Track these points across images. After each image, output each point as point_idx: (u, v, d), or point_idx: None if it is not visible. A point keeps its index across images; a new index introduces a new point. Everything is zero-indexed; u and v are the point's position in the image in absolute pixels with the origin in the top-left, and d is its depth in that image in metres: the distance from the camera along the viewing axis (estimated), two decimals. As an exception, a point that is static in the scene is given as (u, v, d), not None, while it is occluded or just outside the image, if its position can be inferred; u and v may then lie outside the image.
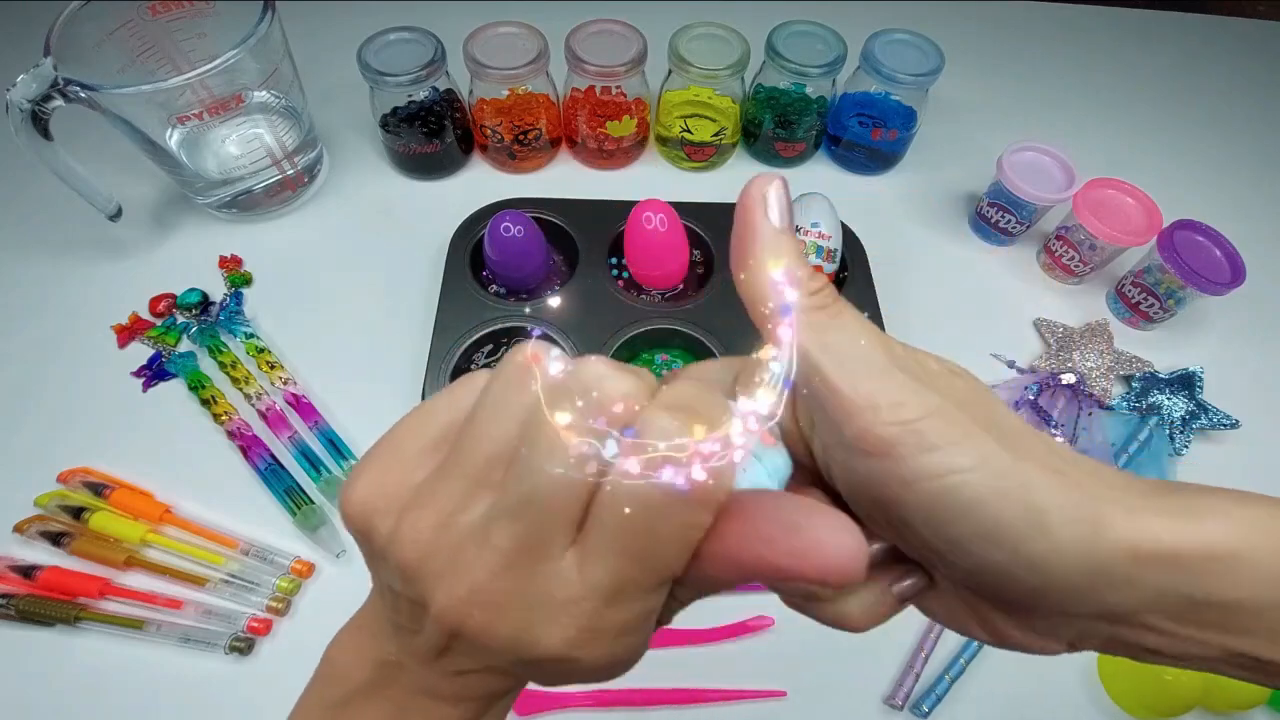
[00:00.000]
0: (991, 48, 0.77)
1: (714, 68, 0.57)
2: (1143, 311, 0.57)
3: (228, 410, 0.49)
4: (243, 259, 0.57)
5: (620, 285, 0.53)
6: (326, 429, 0.49)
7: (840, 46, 0.59)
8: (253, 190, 0.58)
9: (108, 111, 0.48)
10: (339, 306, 0.55)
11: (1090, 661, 0.44)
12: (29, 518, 0.44)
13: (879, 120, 0.62)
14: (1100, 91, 0.74)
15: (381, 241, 0.59)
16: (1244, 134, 0.72)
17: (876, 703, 0.43)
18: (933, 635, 0.44)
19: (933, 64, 0.58)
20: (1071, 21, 0.81)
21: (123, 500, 0.45)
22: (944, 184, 0.65)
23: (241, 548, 0.44)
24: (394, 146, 0.61)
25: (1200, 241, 0.54)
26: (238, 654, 0.41)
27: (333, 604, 0.44)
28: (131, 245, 0.58)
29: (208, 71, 0.47)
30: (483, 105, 0.60)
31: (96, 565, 0.43)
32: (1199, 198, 0.62)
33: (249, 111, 0.56)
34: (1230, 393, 0.54)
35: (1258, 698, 0.41)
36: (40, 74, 0.45)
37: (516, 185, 0.63)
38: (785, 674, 0.43)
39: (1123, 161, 0.62)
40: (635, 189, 0.60)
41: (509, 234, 0.49)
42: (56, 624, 0.42)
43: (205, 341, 0.52)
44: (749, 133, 0.65)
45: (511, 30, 0.57)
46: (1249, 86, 0.76)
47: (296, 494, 0.46)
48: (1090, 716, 0.43)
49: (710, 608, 0.45)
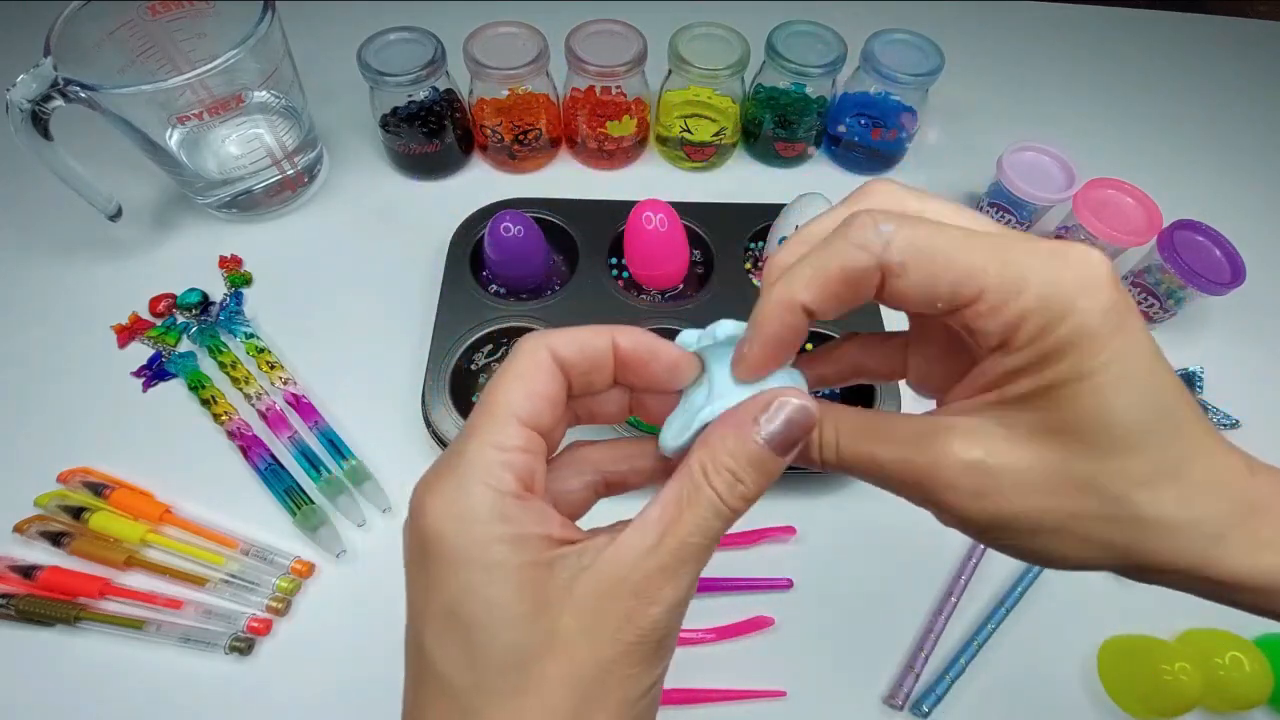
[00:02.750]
0: (991, 48, 0.77)
1: (714, 68, 0.57)
2: (1143, 311, 0.57)
3: (228, 410, 0.49)
4: (243, 259, 0.57)
5: (620, 285, 0.53)
6: (326, 429, 0.49)
7: (840, 46, 0.59)
8: (253, 190, 0.58)
9: (108, 111, 0.48)
10: (339, 306, 0.55)
11: (1090, 661, 0.44)
12: (29, 518, 0.44)
13: (879, 120, 0.62)
14: (1100, 91, 0.74)
15: (381, 241, 0.59)
16: (1244, 134, 0.72)
17: (876, 703, 0.43)
18: (933, 635, 0.44)
19: (933, 64, 0.58)
20: (1071, 21, 0.81)
21: (123, 500, 0.45)
22: (944, 184, 0.65)
23: (241, 548, 0.44)
24: (394, 146, 0.61)
25: (1200, 241, 0.54)
26: (238, 654, 0.41)
27: (333, 604, 0.44)
28: (131, 245, 0.58)
29: (208, 71, 0.47)
30: (483, 105, 0.60)
31: (96, 565, 0.43)
32: (1199, 198, 0.62)
33: (249, 111, 0.56)
34: (1230, 393, 0.54)
35: (1258, 698, 0.41)
36: (40, 74, 0.45)
37: (516, 185, 0.63)
38: (785, 674, 0.43)
39: (1123, 161, 0.62)
40: (635, 189, 0.60)
41: (509, 234, 0.49)
42: (56, 624, 0.42)
43: (205, 341, 0.52)
44: (749, 133, 0.65)
45: (511, 30, 0.57)
46: (1249, 86, 0.76)
47: (296, 494, 0.46)
48: (1090, 716, 0.43)
49: (710, 608, 0.45)
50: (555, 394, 0.21)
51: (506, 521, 0.18)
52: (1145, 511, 0.18)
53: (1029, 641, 0.44)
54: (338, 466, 0.48)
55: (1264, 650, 0.42)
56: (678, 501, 0.19)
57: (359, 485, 0.47)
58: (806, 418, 0.19)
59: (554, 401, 0.21)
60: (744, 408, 0.20)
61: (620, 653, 0.18)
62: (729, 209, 0.56)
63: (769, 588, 0.45)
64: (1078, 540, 0.19)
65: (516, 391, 0.20)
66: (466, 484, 0.19)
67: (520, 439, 0.20)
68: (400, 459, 0.49)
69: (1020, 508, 0.19)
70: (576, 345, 0.21)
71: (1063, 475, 0.18)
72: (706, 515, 0.19)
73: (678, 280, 0.54)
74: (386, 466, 0.48)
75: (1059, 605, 0.46)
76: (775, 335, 0.20)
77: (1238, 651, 0.41)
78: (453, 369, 0.48)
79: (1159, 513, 0.18)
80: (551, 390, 0.21)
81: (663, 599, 0.19)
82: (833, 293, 0.19)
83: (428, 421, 0.46)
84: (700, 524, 0.19)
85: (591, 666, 0.18)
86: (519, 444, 0.20)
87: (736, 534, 0.47)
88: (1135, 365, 0.17)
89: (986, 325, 0.18)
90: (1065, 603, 0.46)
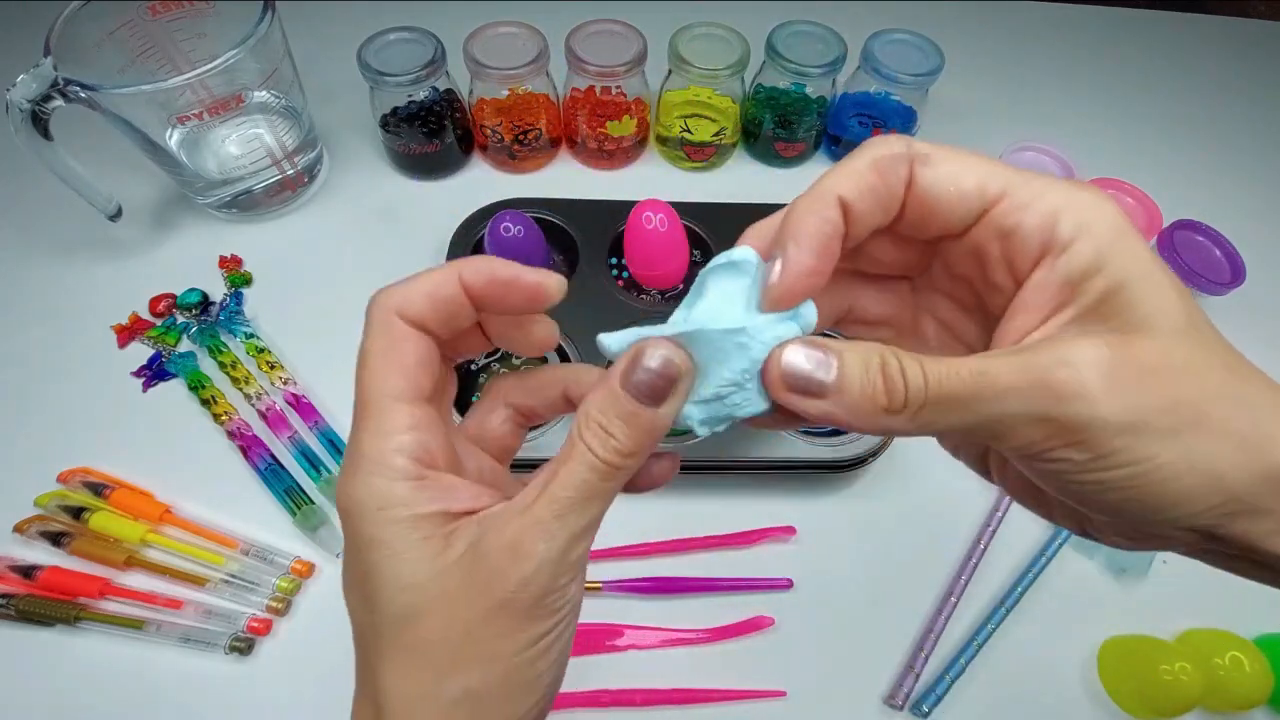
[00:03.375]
0: (991, 48, 0.77)
1: (714, 68, 0.57)
2: (1143, 311, 0.57)
3: (228, 410, 0.49)
4: (243, 259, 0.57)
5: (620, 285, 0.53)
6: (326, 429, 0.49)
7: (840, 46, 0.59)
8: (253, 190, 0.58)
9: (108, 111, 0.48)
10: (339, 307, 0.55)
11: (1090, 661, 0.44)
12: (29, 518, 0.44)
13: (879, 120, 0.62)
14: (1100, 91, 0.74)
15: (381, 241, 0.59)
16: (1244, 134, 0.72)
17: (876, 703, 0.43)
18: (933, 635, 0.44)
19: (933, 64, 0.58)
20: (1071, 21, 0.81)
21: (123, 500, 0.45)
22: (944, 184, 0.65)
23: (241, 548, 0.44)
24: (394, 146, 0.61)
25: (1200, 241, 0.54)
26: (238, 654, 0.41)
27: (333, 604, 0.44)
28: (131, 245, 0.58)
29: (208, 71, 0.47)
30: (483, 105, 0.60)
31: (96, 565, 0.43)
32: (1199, 198, 0.62)
33: (249, 111, 0.56)
34: (1230, 393, 0.54)
35: (1258, 698, 0.41)
36: (40, 74, 0.45)
37: (516, 185, 0.63)
38: (785, 674, 0.43)
39: (1123, 161, 0.62)
40: (635, 189, 0.60)
41: (509, 234, 0.49)
42: (56, 624, 0.42)
43: (205, 341, 0.52)
44: (749, 133, 0.65)
45: (511, 30, 0.57)
46: (1249, 86, 0.76)
47: (296, 494, 0.46)
48: (1090, 716, 0.43)
49: (710, 608, 0.45)
50: (423, 355, 0.21)
51: (403, 505, 0.19)
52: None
53: (1029, 641, 0.44)
54: (338, 466, 0.48)
55: (1264, 650, 0.42)
56: (557, 459, 0.20)
57: (359, 485, 0.47)
58: (670, 368, 0.19)
59: (426, 363, 0.21)
60: (618, 361, 0.19)
61: (490, 608, 0.19)
62: (729, 209, 0.56)
63: (769, 588, 0.45)
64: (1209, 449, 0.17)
65: (384, 370, 0.20)
66: (363, 477, 0.19)
67: (404, 419, 0.20)
68: (400, 459, 0.48)
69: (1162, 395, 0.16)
70: (423, 297, 0.21)
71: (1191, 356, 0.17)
72: (579, 470, 0.19)
73: (678, 280, 0.54)
74: (386, 466, 0.48)
75: (1059, 605, 0.46)
76: (815, 234, 0.18)
77: (1238, 651, 0.41)
78: (452, 368, 0.48)
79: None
80: (419, 354, 0.21)
81: (535, 554, 0.19)
82: (867, 184, 0.18)
83: (428, 421, 0.46)
84: (573, 479, 0.19)
85: (463, 622, 0.19)
86: (404, 424, 0.20)
87: (736, 534, 0.47)
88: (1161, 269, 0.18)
89: (1024, 220, 0.17)
90: (1065, 603, 0.46)
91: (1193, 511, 0.17)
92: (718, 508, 0.48)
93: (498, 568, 0.19)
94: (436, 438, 0.20)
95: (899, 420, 0.18)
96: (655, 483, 0.23)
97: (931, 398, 0.17)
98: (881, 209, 0.19)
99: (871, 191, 0.18)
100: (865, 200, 0.18)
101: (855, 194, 0.18)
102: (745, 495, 0.48)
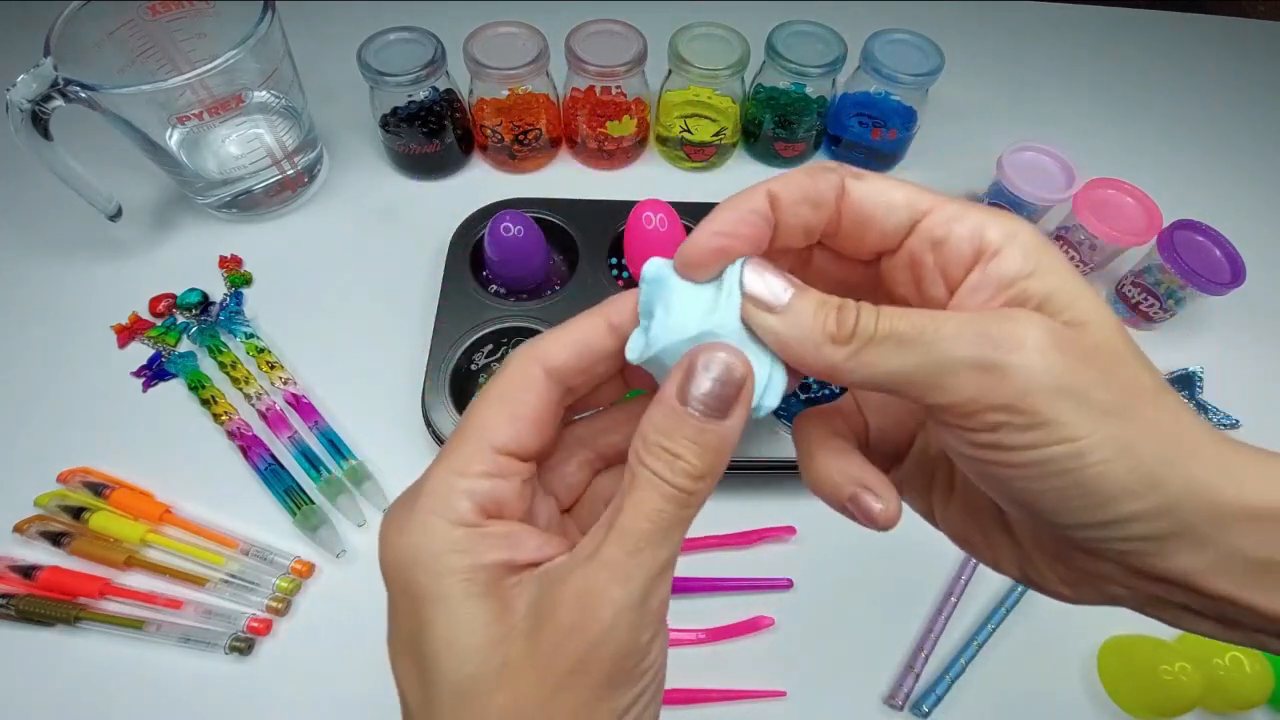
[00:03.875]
0: (991, 48, 0.77)
1: (714, 68, 0.57)
2: (1143, 311, 0.57)
3: (228, 410, 0.49)
4: (243, 259, 0.57)
5: (620, 285, 0.53)
6: (326, 429, 0.49)
7: (840, 46, 0.59)
8: (253, 190, 0.58)
9: (108, 111, 0.48)
10: (339, 306, 0.55)
11: (1090, 661, 0.44)
12: (29, 518, 0.44)
13: (879, 120, 0.62)
14: (1100, 91, 0.74)
15: (381, 241, 0.59)
16: (1244, 134, 0.72)
17: (876, 703, 0.43)
18: (933, 635, 0.44)
19: (933, 64, 0.58)
20: (1071, 21, 0.81)
21: (123, 500, 0.45)
22: (944, 184, 0.65)
23: (241, 548, 0.44)
24: (394, 146, 0.61)
25: (1200, 241, 0.54)
26: (238, 654, 0.41)
27: (333, 604, 0.44)
28: (131, 245, 0.58)
29: (208, 71, 0.47)
30: (483, 105, 0.60)
31: (96, 565, 0.43)
32: (1199, 198, 0.62)
33: (249, 111, 0.56)
34: (1230, 393, 0.54)
35: (1258, 698, 0.41)
36: (40, 74, 0.45)
37: (516, 185, 0.63)
38: (785, 674, 0.43)
39: (1123, 161, 0.62)
40: (635, 189, 0.60)
41: (509, 234, 0.49)
42: (56, 624, 0.42)
43: (205, 341, 0.52)
44: (749, 133, 0.65)
45: (511, 30, 0.57)
46: (1249, 86, 0.76)
47: (296, 494, 0.46)
48: (1090, 716, 0.43)
49: (710, 608, 0.45)
50: (542, 413, 0.20)
51: (461, 553, 0.17)
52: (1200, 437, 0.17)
53: (1029, 641, 0.44)
54: (338, 466, 0.48)
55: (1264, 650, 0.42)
56: (617, 497, 0.18)
57: (359, 485, 0.47)
58: (734, 374, 0.17)
59: (540, 421, 0.20)
60: (670, 375, 0.18)
61: (562, 678, 0.17)
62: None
63: (769, 588, 0.45)
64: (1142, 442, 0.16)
65: (496, 415, 0.19)
66: (420, 515, 0.18)
67: (488, 464, 0.19)
68: (400, 459, 0.49)
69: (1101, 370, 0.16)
70: (573, 351, 0.20)
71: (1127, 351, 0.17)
72: (650, 498, 0.17)
73: (678, 280, 0.54)
74: (386, 467, 0.48)
75: (1059, 605, 0.45)
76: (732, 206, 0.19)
77: (1238, 652, 0.41)
78: (453, 369, 0.48)
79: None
80: (538, 410, 0.19)
81: (610, 602, 0.17)
82: (798, 185, 0.19)
83: (428, 421, 0.46)
84: (642, 510, 0.17)
85: (532, 700, 0.17)
86: (485, 469, 0.18)
87: (736, 534, 0.47)
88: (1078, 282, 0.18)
89: (954, 229, 0.18)
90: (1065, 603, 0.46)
91: (1131, 512, 0.16)
92: (718, 508, 0.48)
93: (566, 625, 0.17)
94: (515, 495, 0.19)
95: (842, 353, 0.17)
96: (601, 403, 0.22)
97: (880, 333, 0.17)
98: (809, 203, 0.19)
99: (799, 187, 0.19)
100: (792, 192, 0.19)
101: (782, 188, 0.19)
102: (745, 495, 0.48)
